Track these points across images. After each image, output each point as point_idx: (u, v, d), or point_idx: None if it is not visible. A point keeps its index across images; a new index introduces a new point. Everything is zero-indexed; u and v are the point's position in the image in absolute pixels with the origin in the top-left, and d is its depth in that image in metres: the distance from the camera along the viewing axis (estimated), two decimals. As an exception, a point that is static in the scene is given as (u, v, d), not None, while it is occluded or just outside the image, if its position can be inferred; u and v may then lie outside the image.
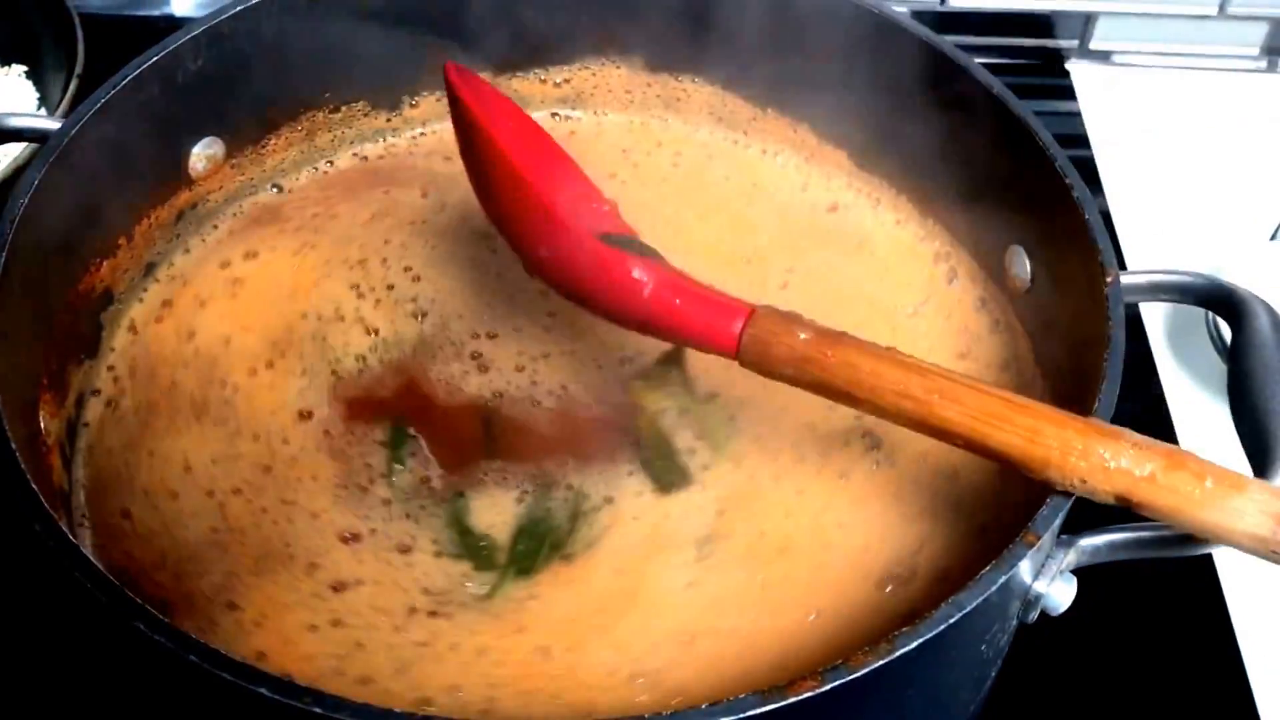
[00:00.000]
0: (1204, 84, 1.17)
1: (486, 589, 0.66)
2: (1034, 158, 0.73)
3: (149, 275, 0.79)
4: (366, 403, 0.73)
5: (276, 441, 0.71)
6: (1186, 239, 1.04)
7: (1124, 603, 0.79)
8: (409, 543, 0.68)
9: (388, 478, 0.70)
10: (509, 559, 0.67)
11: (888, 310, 0.79)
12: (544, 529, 0.68)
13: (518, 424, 0.72)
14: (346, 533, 0.68)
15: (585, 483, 0.70)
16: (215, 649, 0.52)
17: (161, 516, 0.68)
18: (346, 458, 0.70)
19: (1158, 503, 0.56)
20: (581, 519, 0.68)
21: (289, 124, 0.85)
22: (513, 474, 0.70)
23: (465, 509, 0.69)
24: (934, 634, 0.52)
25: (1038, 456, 0.57)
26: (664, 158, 0.88)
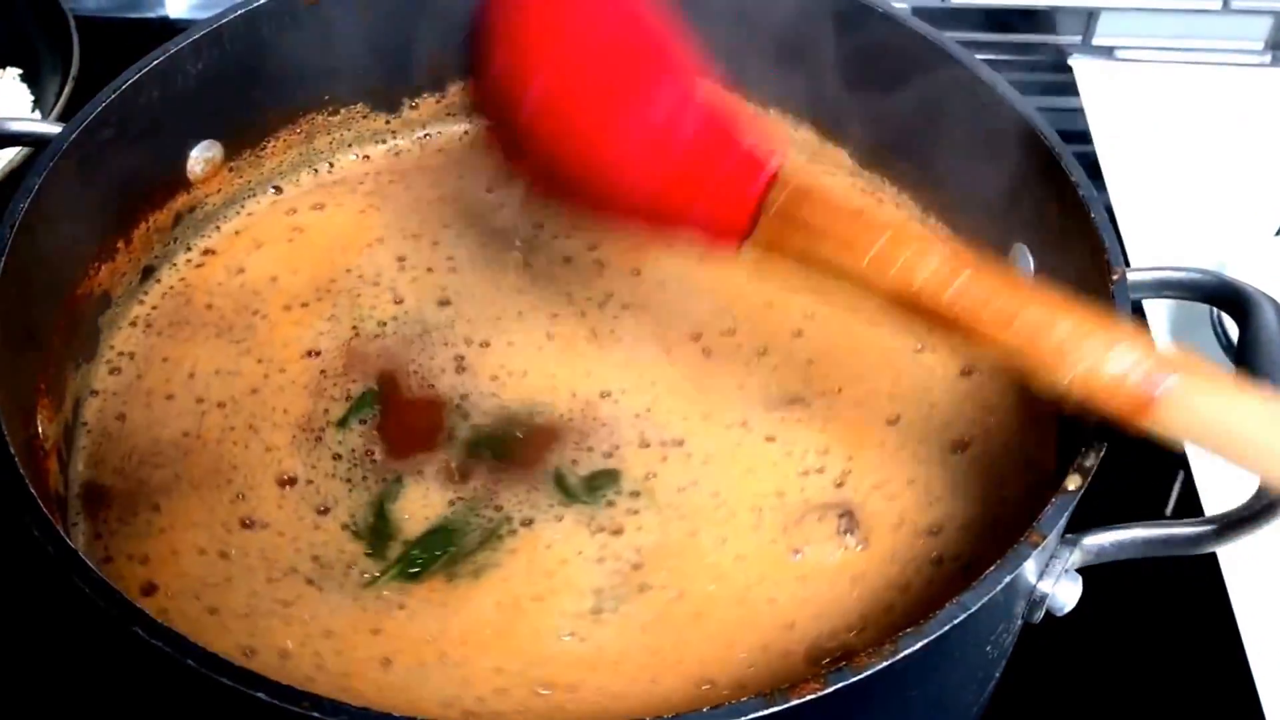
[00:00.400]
0: (1207, 79, 1.16)
1: (366, 579, 0.66)
2: (1038, 155, 0.72)
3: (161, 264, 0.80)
4: (366, 362, 0.76)
5: (275, 369, 0.75)
6: (1190, 235, 1.04)
7: (1129, 602, 0.79)
8: (330, 505, 0.69)
9: (340, 429, 0.72)
10: (400, 558, 0.67)
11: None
12: (450, 540, 0.68)
13: (481, 430, 0.72)
14: (285, 475, 0.70)
15: (512, 503, 0.69)
16: (215, 655, 0.52)
17: (151, 414, 0.73)
18: (319, 400, 0.74)
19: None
20: (491, 542, 0.67)
21: (288, 127, 0.84)
22: (454, 476, 0.70)
23: (395, 494, 0.69)
24: (938, 634, 0.52)
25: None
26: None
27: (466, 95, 0.88)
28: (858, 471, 0.71)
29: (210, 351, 0.76)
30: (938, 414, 0.73)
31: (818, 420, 0.72)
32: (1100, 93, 1.15)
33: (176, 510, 0.69)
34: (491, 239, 0.82)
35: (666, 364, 0.75)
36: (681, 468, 0.71)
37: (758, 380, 0.74)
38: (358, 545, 0.67)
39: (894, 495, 0.70)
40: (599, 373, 0.74)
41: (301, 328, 0.77)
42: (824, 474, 0.70)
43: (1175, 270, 0.69)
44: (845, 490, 0.70)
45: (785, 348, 0.75)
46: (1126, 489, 0.83)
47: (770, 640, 0.64)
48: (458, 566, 0.67)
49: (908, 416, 0.73)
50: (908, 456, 0.71)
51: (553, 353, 0.76)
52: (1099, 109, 1.14)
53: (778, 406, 0.73)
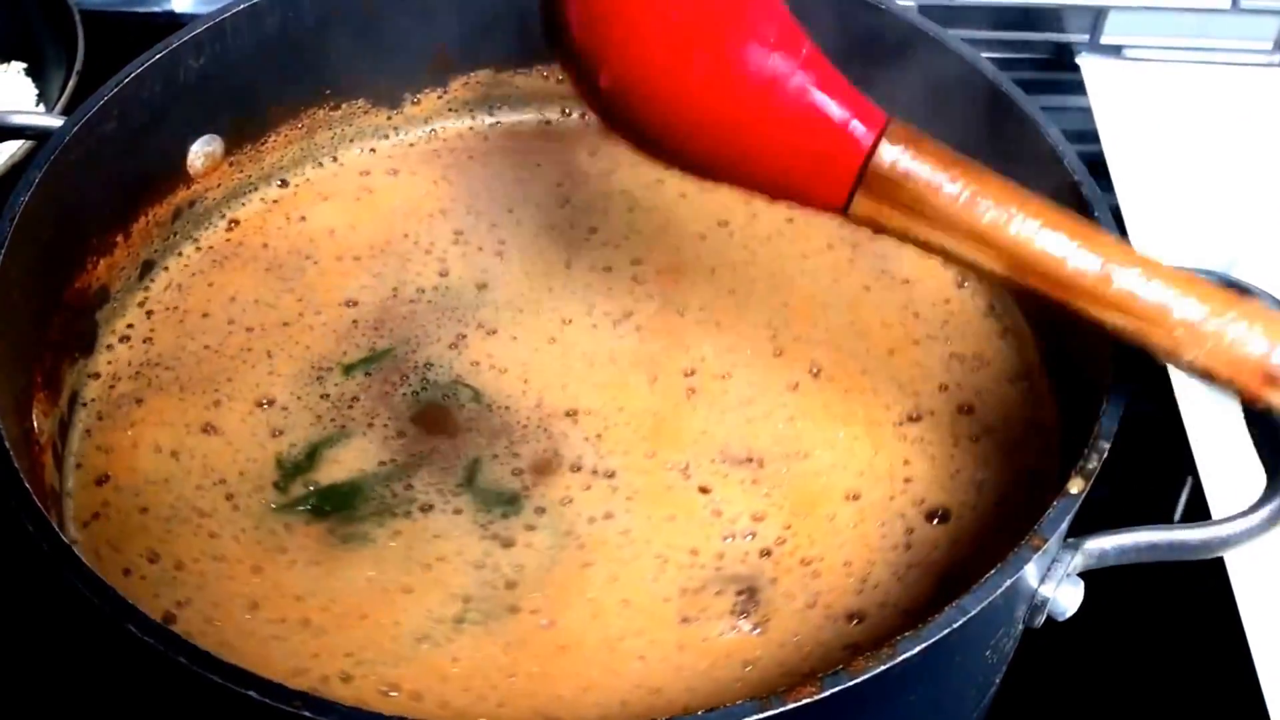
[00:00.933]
0: (1216, 78, 1.15)
1: (267, 505, 0.69)
2: (1042, 154, 0.72)
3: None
4: (395, 322, 0.78)
5: (311, 310, 0.78)
6: (1198, 234, 1.03)
7: (1132, 606, 0.78)
8: (283, 431, 0.72)
9: (344, 375, 0.75)
10: (299, 499, 0.69)
11: (900, 317, 0.78)
12: (349, 502, 0.69)
13: (441, 408, 0.73)
14: (267, 398, 0.74)
15: (424, 484, 0.69)
16: (206, 652, 0.51)
17: (183, 329, 0.77)
18: (340, 345, 0.76)
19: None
20: (384, 517, 0.68)
21: (289, 122, 0.84)
22: (401, 442, 0.71)
23: (336, 440, 0.72)
24: (936, 639, 0.51)
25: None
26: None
27: (469, 90, 0.88)
28: (791, 543, 0.67)
29: (256, 283, 0.80)
30: (911, 491, 0.70)
31: (768, 483, 0.70)
32: (1108, 92, 1.14)
33: (155, 406, 0.73)
34: (546, 233, 0.82)
35: (645, 394, 0.74)
36: (602, 499, 0.69)
37: (726, 430, 0.72)
38: (279, 474, 0.70)
39: (820, 574, 0.66)
40: (574, 389, 0.74)
41: (347, 279, 0.80)
42: (751, 539, 0.67)
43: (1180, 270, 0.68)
44: (767, 561, 0.66)
45: (775, 401, 0.73)
46: (1134, 492, 0.83)
47: (631, 699, 0.62)
48: (347, 529, 0.67)
49: (871, 495, 0.69)
50: (854, 537, 0.68)
51: (545, 357, 0.76)
52: (1107, 108, 1.13)
53: (731, 461, 0.71)
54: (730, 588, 0.65)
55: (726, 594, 0.65)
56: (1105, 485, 0.59)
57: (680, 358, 0.75)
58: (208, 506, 0.69)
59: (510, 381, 0.75)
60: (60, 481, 0.69)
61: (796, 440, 0.72)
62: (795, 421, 0.73)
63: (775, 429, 0.72)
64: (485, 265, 0.81)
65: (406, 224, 0.83)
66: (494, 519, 0.68)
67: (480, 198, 0.85)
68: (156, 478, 0.70)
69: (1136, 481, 0.83)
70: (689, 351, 0.76)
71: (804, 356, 0.75)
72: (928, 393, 0.74)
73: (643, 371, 0.75)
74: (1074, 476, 0.57)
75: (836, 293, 0.79)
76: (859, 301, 0.79)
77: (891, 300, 0.79)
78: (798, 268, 0.80)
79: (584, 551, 0.67)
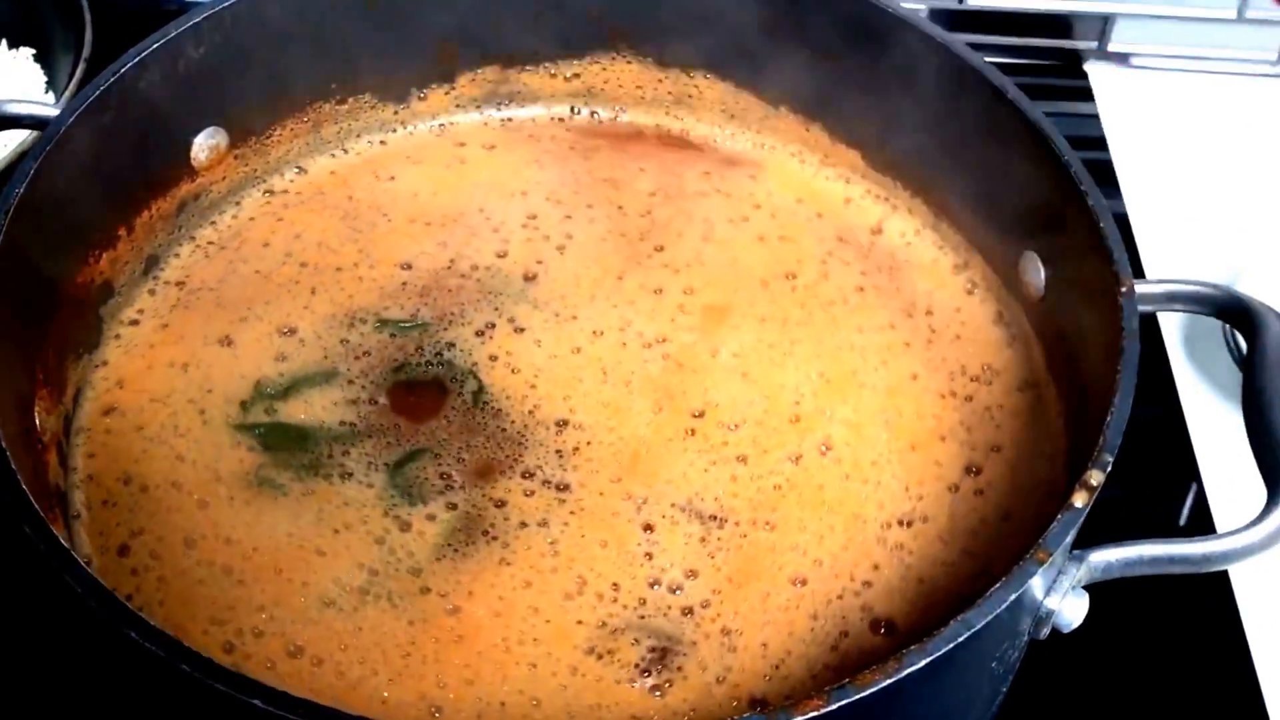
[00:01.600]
0: (1222, 88, 1.15)
1: (228, 421, 0.72)
2: (1048, 162, 0.72)
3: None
4: (442, 294, 0.79)
5: (366, 264, 0.80)
6: (1205, 242, 1.03)
7: (1137, 618, 0.77)
8: (285, 359, 0.75)
9: (375, 330, 0.76)
10: (254, 425, 0.72)
11: (936, 410, 0.74)
12: (289, 444, 0.71)
13: (433, 390, 0.74)
14: (289, 328, 0.76)
15: (364, 451, 0.71)
16: (209, 659, 0.51)
17: (239, 255, 0.80)
18: (383, 301, 0.78)
19: None
20: (310, 474, 0.70)
21: (295, 115, 0.83)
22: (371, 409, 0.73)
23: (318, 383, 0.74)
24: (941, 653, 0.51)
25: None
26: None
27: (476, 87, 0.88)
28: (715, 609, 0.65)
29: (326, 227, 0.82)
30: (865, 595, 0.66)
31: (717, 544, 0.68)
32: (1116, 99, 1.14)
33: (179, 324, 0.76)
34: (614, 239, 0.82)
35: (643, 423, 0.72)
36: (541, 508, 0.69)
37: (705, 481, 0.70)
38: (250, 394, 0.73)
39: (736, 649, 0.64)
40: (576, 401, 0.73)
41: (412, 241, 0.81)
42: (678, 594, 0.66)
43: (1184, 283, 0.68)
44: (689, 621, 0.65)
45: (770, 467, 0.71)
46: (1137, 497, 0.83)
47: (511, 702, 0.62)
48: (271, 472, 0.70)
49: (819, 586, 0.67)
50: (781, 620, 0.65)
51: (562, 365, 0.75)
52: (1115, 115, 1.13)
53: (691, 513, 0.69)
54: (646, 640, 0.64)
55: (640, 645, 0.64)
56: (1108, 489, 0.58)
57: (695, 397, 0.74)
58: (184, 424, 0.71)
59: (517, 384, 0.74)
60: (65, 479, 0.69)
61: (771, 511, 0.69)
62: (781, 492, 0.70)
63: (756, 494, 0.70)
64: (543, 256, 0.80)
65: (486, 199, 0.83)
66: (399, 503, 0.68)
67: (567, 187, 0.84)
68: (158, 394, 0.72)
69: (1140, 486, 0.83)
70: (706, 394, 0.74)
71: (820, 430, 0.73)
72: (933, 496, 0.70)
73: (651, 401, 0.74)
74: (1078, 490, 0.57)
75: (880, 374, 0.76)
76: (900, 389, 0.75)
77: (934, 392, 0.75)
78: (849, 339, 0.77)
79: (505, 551, 0.67)
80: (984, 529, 0.70)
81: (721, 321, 0.78)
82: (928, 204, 0.83)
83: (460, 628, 0.64)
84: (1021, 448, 0.73)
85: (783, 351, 0.76)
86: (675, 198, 0.84)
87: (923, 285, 0.81)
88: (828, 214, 0.84)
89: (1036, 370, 0.76)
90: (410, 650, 0.63)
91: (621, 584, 0.66)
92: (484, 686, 0.62)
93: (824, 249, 0.82)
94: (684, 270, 0.80)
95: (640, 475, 0.70)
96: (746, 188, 0.85)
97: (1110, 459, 0.58)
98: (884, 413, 0.74)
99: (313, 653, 0.63)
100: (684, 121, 0.89)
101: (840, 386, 0.75)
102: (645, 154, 0.87)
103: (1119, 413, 0.59)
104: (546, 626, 0.64)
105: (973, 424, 0.74)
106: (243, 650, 0.63)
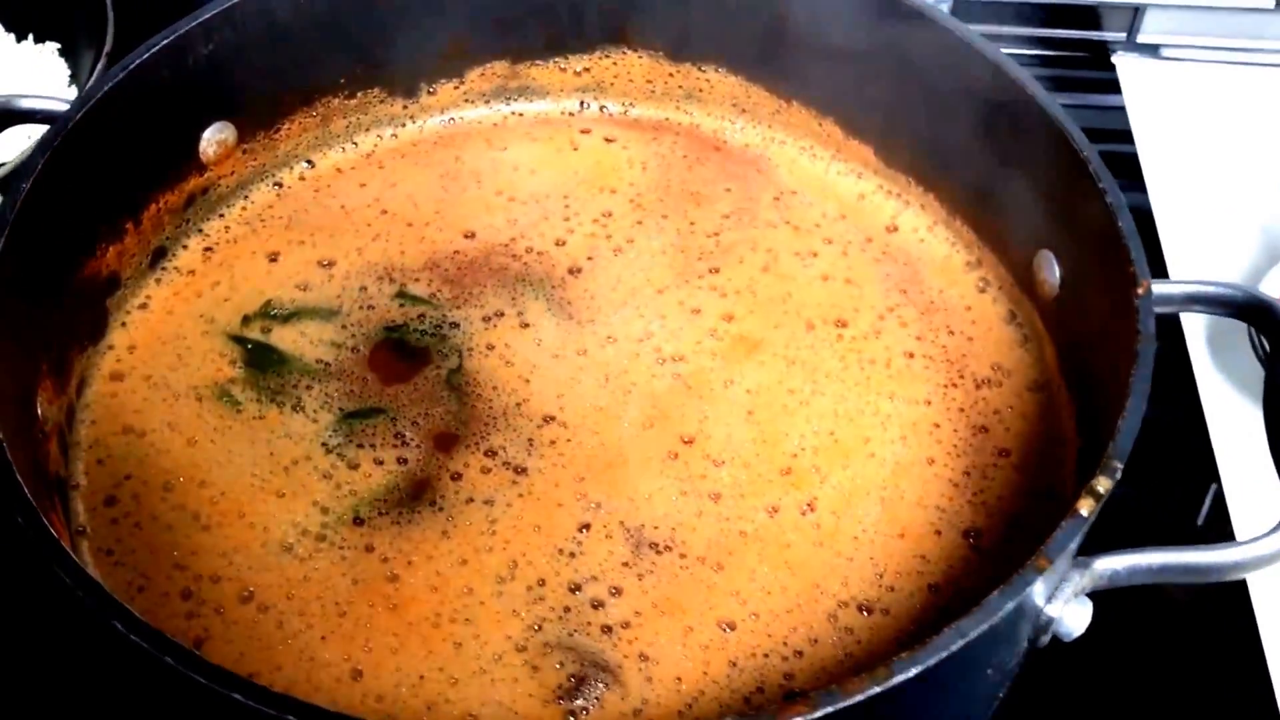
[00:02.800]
0: (1255, 79, 1.12)
1: (224, 331, 0.76)
2: (1066, 158, 0.70)
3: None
4: (486, 271, 0.80)
5: (435, 227, 0.82)
6: (1231, 239, 1.01)
7: (1145, 625, 0.75)
8: (306, 289, 0.78)
9: (397, 297, 0.78)
10: (248, 340, 0.76)
11: (939, 502, 0.70)
12: (268, 364, 0.74)
13: (416, 358, 0.75)
14: (331, 260, 0.80)
15: (327, 393, 0.73)
16: (191, 652, 0.51)
17: (330, 190, 0.83)
18: (425, 263, 0.80)
19: None
20: (269, 398, 0.73)
21: (303, 110, 0.83)
22: (351, 358, 0.75)
23: (316, 316, 0.77)
24: (934, 662, 0.50)
25: None
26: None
27: (485, 81, 0.87)
28: (635, 631, 0.64)
29: (420, 182, 0.84)
30: (792, 664, 0.64)
31: (649, 569, 0.66)
32: (1144, 91, 1.12)
33: (221, 255, 0.80)
34: (675, 252, 0.81)
35: (628, 436, 0.72)
36: (492, 486, 0.69)
37: (668, 509, 0.69)
38: (253, 312, 0.77)
39: (653, 680, 0.63)
40: (568, 400, 0.73)
41: (488, 212, 0.83)
42: (598, 609, 0.65)
43: (1204, 284, 0.67)
44: (608, 640, 0.64)
45: (742, 512, 0.69)
46: (1155, 498, 0.81)
47: (430, 678, 0.62)
48: (239, 391, 0.73)
49: (746, 639, 0.64)
50: (699, 660, 0.64)
51: (562, 366, 0.75)
52: (1142, 108, 1.10)
53: (636, 537, 0.68)
54: (571, 663, 0.63)
55: (565, 668, 0.63)
56: (1124, 486, 0.57)
57: (690, 423, 0.72)
58: (186, 346, 0.75)
59: (508, 377, 0.74)
60: (66, 468, 0.69)
61: (726, 554, 0.67)
62: (745, 539, 0.68)
63: (717, 534, 0.68)
64: (596, 254, 0.80)
65: (577, 188, 0.84)
66: (341, 444, 0.71)
67: (654, 194, 0.84)
68: (174, 324, 0.76)
69: (1157, 489, 0.81)
70: (703, 423, 0.72)
71: (808, 489, 0.70)
72: (906, 592, 0.66)
73: (644, 416, 0.73)
74: (1084, 497, 0.56)
75: (894, 449, 0.72)
76: (909, 469, 0.71)
77: (946, 480, 0.71)
78: (876, 404, 0.74)
79: (448, 524, 0.68)
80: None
81: (749, 355, 0.76)
82: (940, 200, 0.82)
83: (396, 596, 0.65)
84: (1030, 450, 0.71)
85: (800, 399, 0.74)
86: (748, 223, 0.82)
87: (935, 283, 0.79)
88: (850, 214, 0.83)
89: (1049, 371, 0.74)
90: (347, 610, 0.65)
91: (547, 580, 0.66)
92: (407, 656, 0.63)
93: (887, 302, 0.78)
94: (731, 296, 0.78)
95: (606, 484, 0.70)
96: (815, 218, 0.83)
97: (1119, 465, 0.57)
98: (883, 489, 0.70)
99: (260, 599, 0.65)
100: (693, 115, 0.88)
101: (847, 450, 0.72)
102: (738, 170, 0.85)
103: (1131, 418, 0.58)
104: (480, 608, 0.65)
105: (981, 527, 0.69)
106: (198, 596, 0.65)
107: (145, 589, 0.66)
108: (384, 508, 0.68)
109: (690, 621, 0.65)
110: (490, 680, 0.62)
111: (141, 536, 0.67)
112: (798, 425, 0.73)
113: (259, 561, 0.67)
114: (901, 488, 0.70)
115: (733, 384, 0.74)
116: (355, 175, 0.85)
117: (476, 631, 0.64)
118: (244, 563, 0.66)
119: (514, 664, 0.63)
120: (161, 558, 0.67)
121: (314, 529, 0.68)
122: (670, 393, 0.74)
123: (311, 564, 0.66)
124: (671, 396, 0.74)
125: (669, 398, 0.73)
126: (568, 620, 0.65)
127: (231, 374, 0.74)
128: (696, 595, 0.66)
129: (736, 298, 0.78)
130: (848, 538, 0.68)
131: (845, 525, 0.69)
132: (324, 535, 0.67)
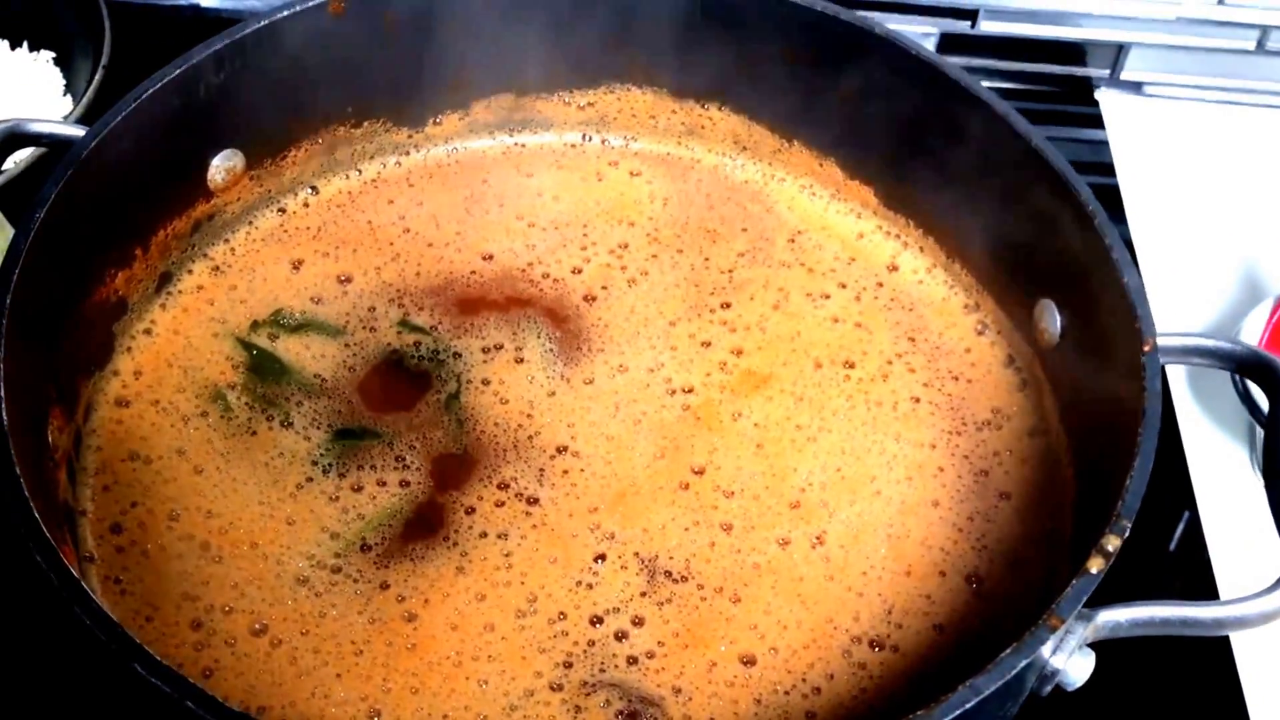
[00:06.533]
0: (1237, 120, 1.15)
1: (233, 334, 0.77)
2: (1071, 211, 0.71)
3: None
4: (492, 294, 0.81)
5: (454, 248, 0.83)
6: (1212, 276, 1.03)
7: (1134, 673, 0.76)
8: (319, 301, 0.79)
9: (403, 317, 0.79)
10: (255, 346, 0.77)
11: (945, 545, 0.72)
12: (269, 376, 0.75)
13: (412, 384, 0.76)
14: (349, 275, 0.81)
15: (311, 410, 0.74)
16: (211, 696, 0.52)
17: (363, 205, 0.84)
18: (441, 286, 0.81)
19: None
20: (261, 407, 0.74)
21: (310, 137, 0.83)
22: (348, 378, 0.76)
23: (327, 336, 0.78)
24: (949, 718, 0.51)
25: None
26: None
27: (490, 113, 0.88)
28: (660, 662, 0.65)
29: (444, 202, 0.85)
30: (812, 701, 0.65)
31: (668, 599, 0.68)
32: (1127, 127, 1.14)
33: (242, 262, 0.81)
34: (689, 284, 0.82)
35: (640, 466, 0.73)
36: (506, 519, 0.70)
37: (680, 539, 0.70)
38: (264, 318, 0.78)
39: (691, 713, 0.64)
40: (580, 429, 0.74)
41: (507, 236, 0.83)
42: (621, 641, 0.66)
43: (1203, 337, 0.68)
44: (635, 670, 0.65)
45: (753, 545, 0.70)
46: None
47: (456, 718, 0.63)
48: (234, 397, 0.74)
49: (768, 675, 0.66)
50: (728, 698, 0.65)
51: (567, 398, 0.75)
52: (1125, 143, 1.12)
53: (652, 566, 0.69)
54: (618, 700, 0.63)
55: (612, 705, 0.63)
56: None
57: (701, 454, 0.73)
58: (196, 341, 0.76)
59: (506, 413, 0.75)
60: (74, 495, 0.69)
61: (742, 585, 0.68)
62: (759, 571, 0.69)
63: (731, 564, 0.69)
64: (611, 284, 0.81)
65: (596, 217, 0.85)
66: (333, 465, 0.71)
67: (673, 229, 0.85)
68: (204, 317, 0.77)
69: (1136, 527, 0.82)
70: (713, 454, 0.73)
71: (817, 523, 0.71)
72: (913, 630, 0.68)
73: (655, 446, 0.73)
74: (1094, 556, 0.57)
75: (900, 489, 0.73)
76: (916, 509, 0.72)
77: (950, 524, 0.72)
78: (882, 444, 0.75)
79: (463, 560, 0.68)
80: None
81: (758, 389, 0.77)
82: (940, 243, 0.83)
83: (415, 635, 0.66)
84: (1030, 493, 0.73)
85: (807, 435, 0.75)
86: (763, 261, 0.83)
87: (935, 325, 0.81)
88: (859, 257, 0.84)
89: (1048, 418, 0.75)
90: (364, 649, 0.65)
91: (568, 613, 0.67)
92: (428, 696, 0.64)
93: (895, 349, 0.79)
94: (741, 332, 0.79)
95: (620, 514, 0.71)
96: (829, 262, 0.83)
97: (1128, 524, 0.58)
98: (890, 527, 0.71)
99: (275, 633, 0.65)
100: (694, 151, 0.89)
101: (854, 486, 0.73)
102: (757, 215, 0.86)
103: (1138, 478, 0.59)
104: (503, 644, 0.65)
105: (983, 573, 0.70)
106: (209, 627, 0.65)
107: (153, 618, 0.66)
108: (390, 533, 0.69)
109: (712, 656, 0.66)
110: (523, 717, 0.63)
111: (149, 565, 0.68)
112: (805, 460, 0.74)
113: (273, 594, 0.67)
114: (908, 527, 0.72)
115: (741, 417, 0.75)
116: (384, 192, 0.85)
117: (502, 668, 0.64)
118: (257, 595, 0.67)
119: (550, 702, 0.63)
120: (170, 587, 0.67)
121: (328, 560, 0.68)
122: (680, 423, 0.75)
123: (328, 599, 0.67)
124: (681, 427, 0.75)
125: (678, 428, 0.75)
126: (594, 654, 0.65)
127: (232, 378, 0.75)
128: (716, 627, 0.67)
129: (746, 333, 0.79)
130: (857, 573, 0.70)
131: (854, 560, 0.70)
132: (339, 567, 0.68)
